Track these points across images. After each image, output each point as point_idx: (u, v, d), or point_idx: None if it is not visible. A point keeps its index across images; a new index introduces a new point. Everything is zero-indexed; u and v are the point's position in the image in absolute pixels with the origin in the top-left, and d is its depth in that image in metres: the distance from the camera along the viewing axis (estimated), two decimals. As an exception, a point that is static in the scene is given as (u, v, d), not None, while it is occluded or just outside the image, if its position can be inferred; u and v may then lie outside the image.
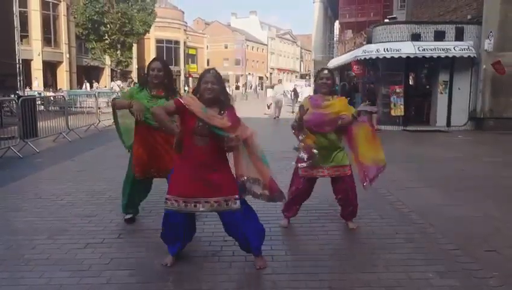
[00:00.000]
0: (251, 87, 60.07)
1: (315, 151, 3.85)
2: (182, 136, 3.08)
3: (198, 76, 3.25)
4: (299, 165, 4.01)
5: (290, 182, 4.21)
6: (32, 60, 27.47)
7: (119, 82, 26.77)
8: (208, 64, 60.68)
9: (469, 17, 14.11)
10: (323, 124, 3.89)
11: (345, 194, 4.10)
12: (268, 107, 20.63)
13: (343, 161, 4.03)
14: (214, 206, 3.11)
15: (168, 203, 3.14)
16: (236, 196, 3.13)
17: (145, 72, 4.05)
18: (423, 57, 13.18)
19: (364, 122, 4.07)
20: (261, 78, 72.19)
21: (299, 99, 20.11)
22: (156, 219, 4.34)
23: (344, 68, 18.06)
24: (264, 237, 3.34)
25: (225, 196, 3.11)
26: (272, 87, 22.22)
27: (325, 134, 3.93)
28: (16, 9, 17.86)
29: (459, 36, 13.51)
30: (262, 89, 54.34)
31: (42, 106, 14.29)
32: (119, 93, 17.02)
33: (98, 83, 32.12)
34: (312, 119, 3.86)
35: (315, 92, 4.12)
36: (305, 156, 3.92)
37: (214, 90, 3.03)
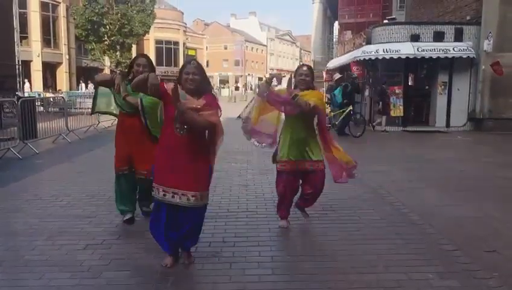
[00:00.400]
0: (251, 87, 60.01)
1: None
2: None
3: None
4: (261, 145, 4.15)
5: (276, 184, 4.21)
6: (31, 61, 27.49)
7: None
8: (207, 65, 60.76)
9: (468, 17, 14.13)
10: (282, 101, 3.87)
11: (316, 189, 4.10)
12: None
13: (318, 155, 4.03)
14: (190, 201, 3.08)
15: (153, 190, 3.17)
16: (208, 191, 3.23)
17: (129, 68, 4.09)
18: (422, 57, 13.20)
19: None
20: (260, 79, 72.16)
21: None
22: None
23: (344, 69, 18.06)
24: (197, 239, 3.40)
25: (202, 191, 3.14)
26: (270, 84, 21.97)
27: (298, 122, 3.94)
28: (15, 10, 17.88)
29: (458, 37, 13.53)
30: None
31: (42, 107, 14.28)
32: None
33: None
34: (275, 95, 3.91)
35: (295, 87, 4.02)
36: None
37: (195, 80, 3.06)
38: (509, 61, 12.75)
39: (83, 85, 28.62)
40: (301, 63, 4.43)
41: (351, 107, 12.13)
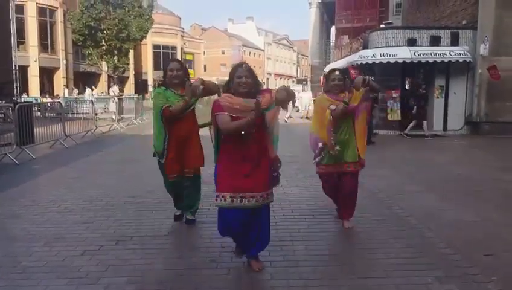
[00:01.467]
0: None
1: (338, 148, 4.02)
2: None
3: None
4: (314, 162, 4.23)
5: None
6: (29, 66, 27.49)
7: (115, 88, 26.76)
8: (204, 70, 60.81)
9: (464, 22, 14.21)
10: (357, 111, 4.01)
11: (350, 190, 4.18)
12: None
13: (356, 156, 4.13)
14: (259, 201, 3.12)
15: (218, 200, 3.14)
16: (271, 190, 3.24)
17: (163, 74, 4.21)
18: (419, 61, 13.25)
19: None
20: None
21: (296, 104, 20.07)
22: (154, 226, 4.33)
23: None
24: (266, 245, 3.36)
25: (268, 190, 3.18)
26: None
27: (342, 126, 4.04)
28: (12, 16, 17.89)
29: (455, 41, 13.60)
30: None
31: (39, 113, 14.25)
32: (115, 98, 17.05)
33: (95, 88, 32.12)
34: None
35: (327, 92, 4.15)
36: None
37: (248, 84, 3.06)
38: (506, 65, 12.81)
39: (89, 90, 28.16)
40: (332, 68, 4.52)
41: None
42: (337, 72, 4.12)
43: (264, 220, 3.25)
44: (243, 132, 2.98)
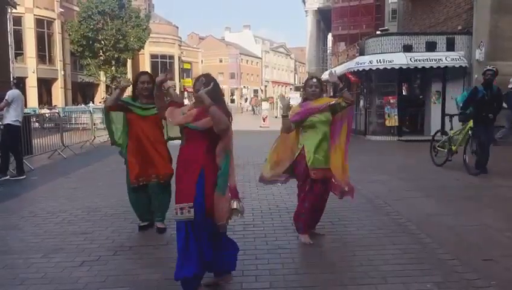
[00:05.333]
0: (246, 100, 60.19)
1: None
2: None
3: (193, 90, 3.28)
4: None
5: (300, 202, 4.09)
6: (27, 77, 27.52)
7: None
8: (202, 79, 60.77)
9: (459, 27, 14.31)
10: (314, 110, 3.96)
11: (323, 197, 4.12)
12: (264, 120, 20.72)
13: (328, 163, 4.04)
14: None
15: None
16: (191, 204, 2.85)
17: (133, 86, 4.35)
18: (415, 67, 13.33)
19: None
20: (255, 91, 72.51)
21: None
22: (153, 235, 4.32)
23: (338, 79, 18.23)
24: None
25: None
26: (267, 100, 22.21)
27: (317, 130, 3.96)
28: (10, 27, 17.96)
29: (450, 46, 13.69)
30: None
31: (37, 123, 14.26)
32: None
33: (93, 99, 32.17)
34: (301, 110, 4.01)
35: (305, 100, 4.16)
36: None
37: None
38: (501, 69, 12.83)
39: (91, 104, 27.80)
40: (310, 76, 4.53)
41: (470, 124, 7.62)
42: (314, 80, 4.13)
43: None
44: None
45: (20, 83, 19.31)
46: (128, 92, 4.49)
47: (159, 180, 4.24)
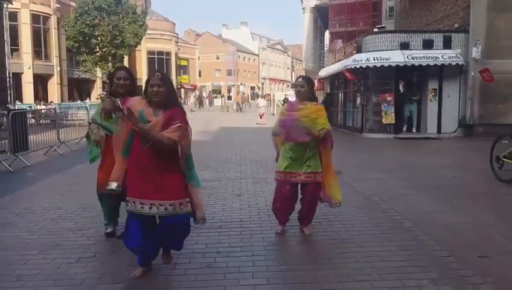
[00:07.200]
0: (229, 98, 59.61)
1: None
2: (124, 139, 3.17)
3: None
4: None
5: (274, 198, 4.30)
6: (22, 73, 27.39)
7: None
8: (199, 76, 60.86)
9: (456, 25, 14.34)
10: (294, 128, 3.96)
11: (311, 200, 4.14)
12: (261, 117, 20.72)
13: (317, 167, 4.08)
14: (168, 210, 3.08)
15: (128, 204, 3.14)
16: (188, 199, 3.17)
17: (110, 83, 4.04)
18: (412, 65, 13.35)
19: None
20: (252, 88, 72.49)
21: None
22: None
23: (335, 77, 18.24)
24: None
25: (179, 199, 3.11)
26: (264, 97, 22.19)
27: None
28: (5, 23, 17.85)
29: (447, 44, 13.72)
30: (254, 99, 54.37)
31: (33, 120, 14.19)
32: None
33: (90, 95, 32.05)
34: (286, 120, 4.05)
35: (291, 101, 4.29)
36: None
37: (160, 93, 3.05)
38: (498, 68, 12.93)
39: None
40: (298, 74, 4.62)
41: None
42: (300, 79, 4.16)
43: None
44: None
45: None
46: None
47: None
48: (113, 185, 3.21)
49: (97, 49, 30.11)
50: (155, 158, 3.05)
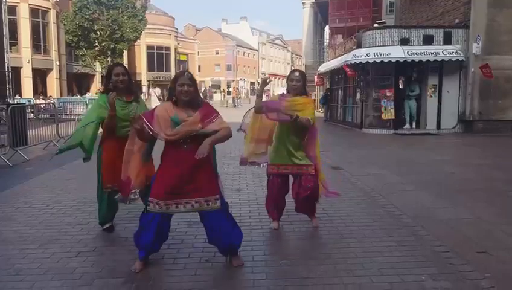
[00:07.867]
0: (229, 93, 59.23)
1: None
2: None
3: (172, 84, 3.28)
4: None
5: (267, 191, 4.32)
6: (21, 67, 27.31)
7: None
8: (199, 70, 60.68)
9: (456, 21, 14.30)
10: (276, 110, 3.92)
11: (306, 193, 4.10)
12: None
13: (306, 160, 4.06)
14: (194, 207, 3.19)
15: (150, 205, 3.18)
16: (217, 196, 3.24)
17: (107, 79, 4.06)
18: (412, 60, 13.33)
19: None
20: (252, 83, 72.34)
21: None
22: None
23: (335, 72, 18.20)
24: (242, 238, 3.43)
25: (206, 196, 3.19)
26: (264, 92, 21.92)
27: (288, 133, 4.01)
28: (4, 17, 17.77)
29: (447, 40, 13.70)
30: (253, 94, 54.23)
31: (32, 114, 14.17)
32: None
33: (89, 90, 31.98)
34: (273, 102, 4.05)
35: (287, 92, 4.15)
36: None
37: (190, 92, 3.08)
38: (498, 63, 12.92)
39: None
40: (293, 68, 4.51)
41: None
42: (296, 73, 4.09)
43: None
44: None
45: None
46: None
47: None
48: (136, 193, 3.41)
49: (96, 44, 29.99)
50: (194, 158, 3.02)
